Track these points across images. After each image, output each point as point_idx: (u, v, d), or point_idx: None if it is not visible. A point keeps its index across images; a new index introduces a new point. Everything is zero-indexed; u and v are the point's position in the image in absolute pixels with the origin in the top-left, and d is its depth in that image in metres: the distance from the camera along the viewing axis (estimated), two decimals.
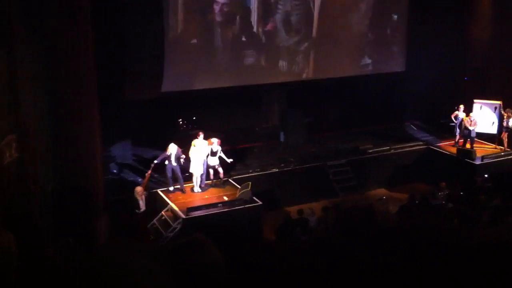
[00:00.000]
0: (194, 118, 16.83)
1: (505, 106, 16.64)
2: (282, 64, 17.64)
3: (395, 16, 19.10)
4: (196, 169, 13.44)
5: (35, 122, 10.96)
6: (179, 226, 12.33)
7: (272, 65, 17.51)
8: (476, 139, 16.94)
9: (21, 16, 10.37)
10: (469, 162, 15.97)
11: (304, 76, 18.07)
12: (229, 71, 16.94)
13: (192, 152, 13.39)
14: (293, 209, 13.63)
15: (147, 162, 15.44)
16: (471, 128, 16.46)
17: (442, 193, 13.45)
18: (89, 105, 11.99)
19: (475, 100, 17.10)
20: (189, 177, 13.96)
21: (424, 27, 18.53)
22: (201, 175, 13.62)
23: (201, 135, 13.54)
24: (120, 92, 14.82)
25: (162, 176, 14.71)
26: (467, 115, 16.60)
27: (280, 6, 17.14)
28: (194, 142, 13.46)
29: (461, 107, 16.82)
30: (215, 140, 13.60)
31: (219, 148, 13.59)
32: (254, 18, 16.89)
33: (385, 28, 19.12)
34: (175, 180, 13.71)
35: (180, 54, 16.07)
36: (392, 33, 19.32)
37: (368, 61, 19.09)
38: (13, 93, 10.07)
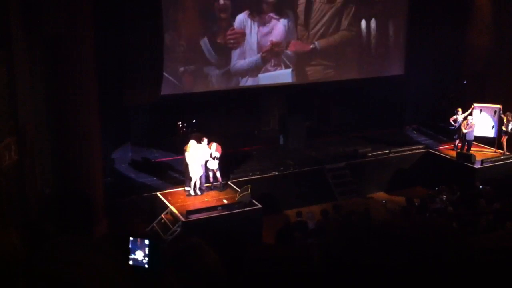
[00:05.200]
0: (194, 121, 16.83)
1: (504, 110, 16.64)
2: (276, 67, 17.56)
3: (394, 20, 19.11)
4: (195, 171, 13.37)
5: (35, 125, 10.96)
6: (178, 229, 12.32)
7: (266, 69, 17.48)
8: (475, 143, 16.93)
9: (21, 20, 10.38)
10: (468, 166, 15.97)
11: (301, 80, 18.04)
12: (225, 75, 16.89)
13: (188, 156, 13.29)
14: (292, 212, 13.61)
15: (146, 166, 15.44)
16: (465, 131, 16.44)
17: (441, 197, 13.44)
18: (89, 109, 12.00)
19: (474, 104, 17.06)
20: (183, 181, 13.99)
21: (423, 31, 18.53)
22: (201, 177, 13.56)
23: (205, 140, 13.45)
24: (120, 96, 14.81)
25: (161, 178, 14.71)
26: (465, 118, 16.59)
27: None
28: (189, 146, 13.28)
29: (460, 110, 16.81)
30: (214, 144, 13.51)
31: (218, 154, 13.51)
32: (248, 21, 16.79)
33: (384, 32, 19.12)
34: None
35: (179, 58, 16.09)
36: (391, 37, 19.31)
37: (366, 65, 19.08)
38: (12, 97, 10.07)
